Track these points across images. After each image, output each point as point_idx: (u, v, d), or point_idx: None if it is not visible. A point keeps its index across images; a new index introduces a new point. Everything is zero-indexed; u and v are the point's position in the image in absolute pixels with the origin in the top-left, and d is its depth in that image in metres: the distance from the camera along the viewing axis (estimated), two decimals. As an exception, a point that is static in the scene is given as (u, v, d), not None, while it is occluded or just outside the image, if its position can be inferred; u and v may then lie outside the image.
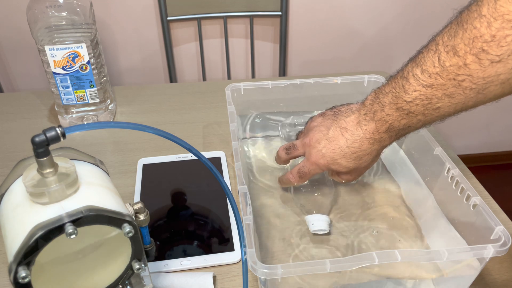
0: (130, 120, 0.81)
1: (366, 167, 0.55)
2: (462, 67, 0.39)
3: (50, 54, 0.70)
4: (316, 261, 0.40)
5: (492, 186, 0.75)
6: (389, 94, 0.47)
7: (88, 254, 0.36)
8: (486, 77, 0.39)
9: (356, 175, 0.56)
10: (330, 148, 0.52)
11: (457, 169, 0.52)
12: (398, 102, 0.45)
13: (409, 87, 0.44)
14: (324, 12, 1.21)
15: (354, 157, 0.51)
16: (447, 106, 0.43)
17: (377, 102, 0.48)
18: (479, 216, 0.46)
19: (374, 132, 0.49)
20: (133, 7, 1.13)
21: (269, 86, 0.67)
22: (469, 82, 0.40)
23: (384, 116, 0.47)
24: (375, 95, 0.49)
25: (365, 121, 0.50)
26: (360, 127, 0.50)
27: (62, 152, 0.36)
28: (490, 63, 0.38)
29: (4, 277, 0.52)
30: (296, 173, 0.57)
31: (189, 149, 0.37)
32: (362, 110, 0.51)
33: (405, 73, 0.45)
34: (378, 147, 0.51)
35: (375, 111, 0.48)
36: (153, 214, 0.60)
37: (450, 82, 0.41)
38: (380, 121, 0.48)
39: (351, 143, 0.51)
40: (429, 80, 0.42)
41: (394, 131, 0.48)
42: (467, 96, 0.41)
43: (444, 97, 0.42)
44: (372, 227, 0.57)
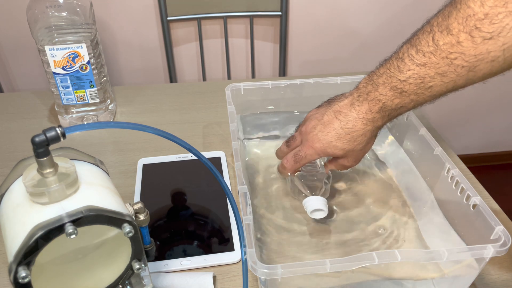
0: (130, 120, 0.81)
1: (363, 150, 0.55)
2: (455, 45, 0.41)
3: (50, 54, 0.70)
4: (316, 261, 0.40)
5: (492, 186, 0.75)
6: (383, 75, 0.48)
7: (88, 254, 0.36)
8: (477, 55, 0.40)
9: (353, 160, 0.56)
10: (325, 132, 0.53)
11: (457, 169, 0.52)
12: (392, 81, 0.47)
13: (403, 67, 0.46)
14: (324, 12, 1.21)
15: (348, 138, 0.52)
16: (438, 85, 0.45)
17: (370, 84, 0.50)
18: (479, 216, 0.46)
19: (367, 112, 0.50)
20: (133, 7, 1.13)
21: (269, 86, 0.67)
22: (461, 60, 0.42)
23: (377, 96, 0.49)
24: (369, 77, 0.51)
25: (358, 102, 0.51)
26: (354, 108, 0.51)
27: (62, 152, 0.36)
28: (482, 40, 0.39)
29: (4, 277, 0.52)
30: (291, 157, 0.57)
31: (189, 149, 0.37)
32: (355, 93, 0.52)
33: (400, 54, 0.47)
34: (371, 127, 0.52)
35: (369, 92, 0.50)
36: (153, 214, 0.60)
37: (443, 60, 0.43)
38: (374, 101, 0.49)
39: (345, 124, 0.52)
40: (423, 59, 0.44)
41: (387, 110, 0.49)
42: (458, 74, 0.43)
43: (436, 76, 0.44)
44: (379, 226, 0.57)
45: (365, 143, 0.53)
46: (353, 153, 0.54)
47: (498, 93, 1.49)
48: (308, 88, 0.69)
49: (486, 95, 1.48)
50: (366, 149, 0.55)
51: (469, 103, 1.51)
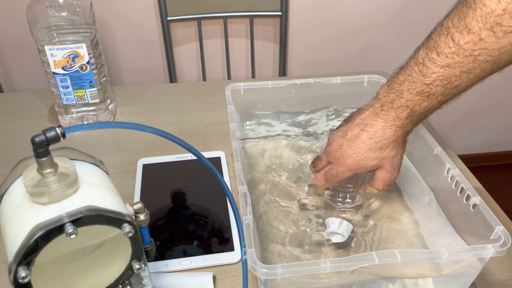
0: (130, 120, 0.81)
1: (397, 156, 0.53)
2: (477, 43, 0.43)
3: (50, 54, 0.70)
4: (316, 261, 0.40)
5: (492, 186, 0.75)
6: (405, 82, 0.48)
7: (88, 254, 0.36)
8: (500, 48, 0.42)
9: (391, 168, 0.54)
10: (353, 146, 0.52)
11: (457, 169, 0.52)
12: (417, 86, 0.47)
13: (427, 71, 0.46)
14: (324, 12, 1.21)
15: (380, 146, 0.51)
16: (464, 82, 0.46)
17: (392, 92, 0.50)
18: (479, 216, 0.46)
19: (396, 119, 0.50)
20: (133, 7, 1.13)
21: (269, 86, 0.67)
22: (485, 55, 0.43)
23: (404, 103, 0.49)
24: (388, 87, 0.51)
25: (382, 111, 0.51)
26: (379, 117, 0.51)
27: (62, 152, 0.36)
28: (504, 34, 0.41)
29: (4, 277, 0.52)
30: (321, 177, 0.57)
31: (189, 149, 0.37)
32: (376, 104, 0.52)
33: (420, 60, 0.47)
34: (401, 133, 0.51)
35: (393, 100, 0.50)
36: (153, 214, 0.60)
37: (467, 58, 0.44)
38: (400, 108, 0.49)
39: (373, 134, 0.51)
40: (446, 60, 0.45)
41: (416, 115, 0.50)
42: (483, 69, 0.44)
43: (462, 74, 0.45)
44: (379, 226, 0.57)
45: (397, 149, 0.52)
46: (387, 160, 0.53)
47: (498, 93, 1.49)
48: (308, 88, 0.69)
49: (486, 95, 1.48)
50: (400, 155, 0.53)
51: (469, 103, 1.51)
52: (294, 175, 0.64)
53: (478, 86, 0.47)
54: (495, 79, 0.44)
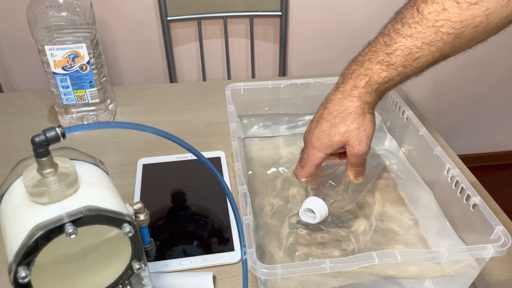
0: (130, 120, 0.81)
1: (360, 129, 0.51)
2: (441, 13, 0.43)
3: (50, 54, 0.70)
4: (316, 261, 0.40)
5: (492, 186, 0.75)
6: (368, 53, 0.49)
7: (88, 254, 0.36)
8: (463, 21, 0.42)
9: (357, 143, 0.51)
10: (318, 127, 0.53)
11: (457, 169, 0.52)
12: (378, 56, 0.48)
13: (390, 41, 0.47)
14: (324, 12, 1.21)
15: (339, 120, 0.51)
16: (426, 55, 0.46)
17: (355, 64, 0.50)
18: (479, 216, 0.46)
19: (353, 89, 0.50)
20: (133, 7, 1.13)
21: (269, 86, 0.67)
22: (448, 27, 0.43)
23: (363, 71, 0.49)
24: (352, 61, 0.51)
25: (342, 84, 0.51)
26: (338, 91, 0.51)
27: (62, 152, 0.36)
28: (468, 5, 0.42)
29: (4, 277, 0.52)
30: (297, 164, 0.56)
31: (189, 149, 0.37)
32: (339, 79, 0.52)
33: (386, 31, 0.48)
34: (359, 103, 0.50)
35: (354, 71, 0.50)
36: (153, 214, 0.60)
37: (429, 29, 0.44)
38: (359, 77, 0.49)
39: (332, 109, 0.51)
40: (409, 31, 0.45)
41: (374, 84, 0.49)
42: (445, 42, 0.45)
43: (423, 46, 0.45)
44: (378, 226, 0.57)
45: (359, 121, 0.51)
46: (350, 134, 0.51)
47: (498, 93, 1.49)
48: (308, 88, 0.69)
49: (486, 95, 1.48)
50: (364, 127, 0.51)
51: (469, 103, 1.51)
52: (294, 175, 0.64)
53: (478, 85, 0.47)
54: (495, 79, 0.44)
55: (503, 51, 1.36)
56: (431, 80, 1.41)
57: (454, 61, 1.36)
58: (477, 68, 1.39)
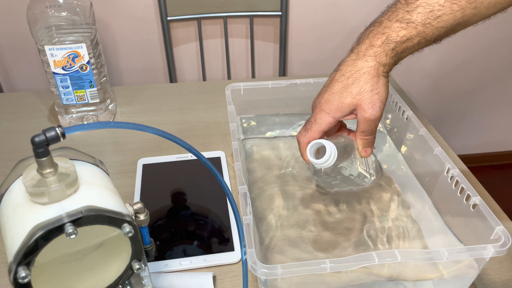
0: (130, 120, 0.81)
1: (374, 92, 0.48)
2: None
3: (50, 54, 0.70)
4: (316, 261, 0.40)
5: (492, 186, 0.75)
6: (387, 13, 0.47)
7: (88, 254, 0.36)
8: None
9: (370, 106, 0.49)
10: (329, 90, 0.50)
11: (457, 169, 0.52)
12: (398, 14, 0.46)
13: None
14: (324, 12, 1.21)
15: (352, 81, 0.48)
16: (447, 15, 0.44)
17: (372, 25, 0.48)
18: (479, 216, 0.46)
19: (368, 49, 0.48)
20: (133, 7, 1.13)
21: (269, 86, 0.67)
22: None
23: (380, 30, 0.47)
24: (371, 24, 0.49)
25: (357, 45, 0.49)
26: (352, 52, 0.50)
27: (62, 152, 0.36)
28: None
29: (4, 277, 0.52)
30: (302, 128, 0.53)
31: (189, 149, 0.37)
32: (355, 44, 0.50)
33: None
34: (373, 63, 0.48)
35: (370, 31, 0.48)
36: (153, 214, 0.60)
37: None
38: (375, 36, 0.47)
39: (345, 70, 0.49)
40: None
41: (391, 43, 0.47)
42: (467, 1, 0.43)
43: (446, 3, 0.44)
44: (379, 227, 0.57)
45: (372, 82, 0.48)
46: (363, 96, 0.48)
47: (498, 93, 1.49)
48: (308, 88, 0.69)
49: (486, 95, 1.48)
50: (378, 90, 0.49)
51: (469, 103, 1.51)
52: (294, 175, 0.64)
53: (478, 85, 0.46)
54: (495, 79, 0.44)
55: (503, 51, 1.36)
56: (431, 80, 1.41)
57: (454, 61, 1.36)
58: (477, 68, 1.39)
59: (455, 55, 1.34)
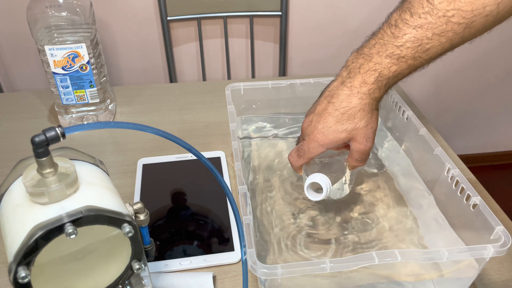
0: (130, 120, 0.81)
1: (368, 126, 0.51)
2: (452, 2, 0.42)
3: (50, 54, 0.70)
4: (316, 261, 0.40)
5: (492, 186, 0.75)
6: (375, 46, 0.47)
7: (88, 254, 0.36)
8: (474, 10, 0.42)
9: (364, 139, 0.51)
10: (321, 120, 0.51)
11: (457, 169, 0.52)
12: (387, 49, 0.46)
13: (399, 32, 0.45)
14: (324, 12, 1.21)
15: (347, 117, 0.49)
16: (436, 47, 0.45)
17: (361, 57, 0.48)
18: (479, 216, 0.46)
19: (362, 85, 0.48)
20: (133, 7, 1.13)
21: (269, 86, 0.67)
22: (459, 16, 0.42)
23: (372, 66, 0.47)
24: (357, 52, 0.49)
25: (349, 78, 0.49)
26: (345, 86, 0.49)
27: (62, 152, 0.36)
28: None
29: (4, 277, 0.52)
30: (294, 152, 0.55)
31: (189, 149, 0.37)
32: (344, 72, 0.50)
33: (393, 21, 0.46)
34: (368, 100, 0.49)
35: (361, 65, 0.48)
36: (153, 214, 0.60)
37: (440, 19, 0.43)
38: (368, 72, 0.48)
39: (339, 104, 0.49)
40: (419, 21, 0.44)
41: (384, 80, 0.48)
42: (455, 32, 0.43)
43: (434, 37, 0.44)
44: (378, 226, 0.57)
45: (367, 118, 0.50)
46: (358, 131, 0.50)
47: (498, 93, 1.49)
48: (308, 88, 0.69)
49: (486, 95, 1.48)
50: (371, 124, 0.51)
51: (469, 103, 1.51)
52: (294, 175, 0.64)
53: (478, 85, 0.47)
54: (495, 79, 0.44)
55: (503, 51, 1.36)
56: (431, 80, 1.41)
57: (454, 61, 1.36)
58: (477, 68, 1.39)
59: (456, 56, 1.34)
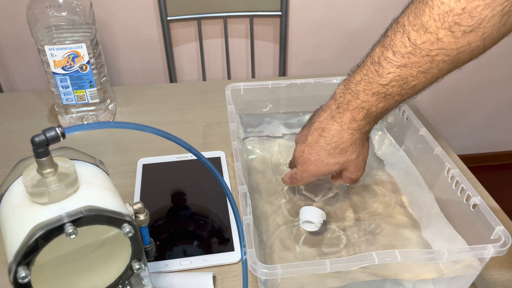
0: (130, 120, 0.81)
1: (360, 158, 0.52)
2: (435, 42, 0.41)
3: (50, 54, 0.70)
4: (316, 261, 0.40)
5: (492, 186, 0.75)
6: (361, 82, 0.47)
7: (88, 254, 0.36)
8: (459, 48, 0.40)
9: (355, 169, 0.54)
10: (313, 153, 0.52)
11: (457, 169, 0.52)
12: (373, 87, 0.46)
13: (383, 71, 0.44)
14: (324, 12, 1.21)
15: (338, 151, 0.51)
16: (422, 82, 0.44)
17: (349, 93, 0.48)
18: (479, 216, 0.46)
19: (351, 122, 0.49)
20: (133, 7, 1.13)
21: (269, 86, 0.67)
22: (443, 55, 0.41)
23: (359, 104, 0.47)
24: (344, 87, 0.49)
25: (338, 114, 0.49)
26: (335, 120, 0.50)
27: (62, 152, 0.36)
28: (463, 33, 0.39)
29: (4, 277, 0.52)
30: (288, 178, 0.58)
31: (189, 149, 0.37)
32: (333, 105, 0.50)
33: (375, 58, 0.45)
34: (359, 135, 0.50)
35: (349, 101, 0.48)
36: (153, 214, 0.60)
37: (424, 58, 0.42)
38: (356, 110, 0.48)
39: (330, 139, 0.50)
40: (403, 60, 0.43)
41: (372, 116, 0.48)
42: (440, 69, 0.43)
43: (419, 74, 0.43)
44: (378, 226, 0.57)
45: (358, 150, 0.52)
46: (350, 163, 0.52)
47: (498, 93, 1.49)
48: (308, 88, 0.69)
49: (486, 95, 1.48)
50: (363, 155, 0.53)
51: (469, 103, 1.51)
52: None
53: (478, 86, 0.46)
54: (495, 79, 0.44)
55: (503, 51, 1.36)
56: (431, 80, 1.41)
57: (454, 61, 1.36)
58: (477, 68, 1.39)
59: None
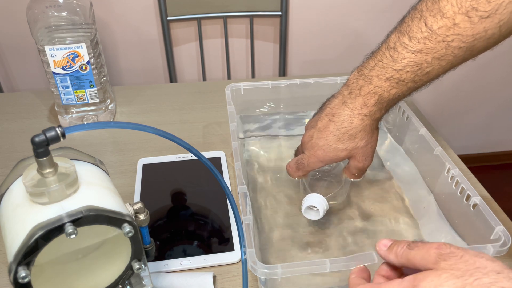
0: (130, 120, 0.81)
1: (368, 146, 0.52)
2: (451, 28, 0.41)
3: (50, 54, 0.70)
4: (316, 261, 0.40)
5: (492, 186, 0.75)
6: (375, 68, 0.47)
7: (88, 254, 0.36)
8: (475, 34, 0.40)
9: (363, 158, 0.53)
10: (322, 137, 0.51)
11: (457, 169, 0.52)
12: (387, 72, 0.46)
13: (398, 56, 0.44)
14: (324, 12, 1.21)
15: (347, 137, 0.50)
16: (436, 70, 0.44)
17: (362, 78, 0.48)
18: (479, 216, 0.46)
19: (363, 107, 0.49)
20: (133, 7, 1.13)
21: (269, 86, 0.67)
22: (459, 41, 0.41)
23: (372, 89, 0.47)
24: (358, 73, 0.49)
25: (350, 99, 0.49)
26: (346, 106, 0.50)
27: (62, 152, 0.36)
28: (479, 19, 0.39)
29: (4, 277, 0.52)
30: (293, 164, 0.56)
31: (189, 149, 0.37)
32: (345, 91, 0.50)
33: (391, 44, 0.45)
34: (369, 121, 0.50)
35: (361, 87, 0.48)
36: (153, 214, 0.60)
37: (439, 44, 0.42)
38: (368, 95, 0.48)
39: (340, 124, 0.50)
40: (418, 46, 0.43)
41: (384, 102, 0.48)
42: (456, 56, 0.43)
43: (434, 61, 0.43)
44: (378, 226, 0.57)
45: (367, 138, 0.51)
46: (358, 150, 0.52)
47: (498, 93, 1.49)
48: (308, 88, 0.69)
49: (486, 95, 1.48)
50: (371, 143, 0.52)
51: (469, 103, 1.51)
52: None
53: (478, 86, 0.46)
54: (495, 79, 0.44)
55: (503, 51, 1.36)
56: (431, 80, 1.41)
57: (454, 61, 1.36)
58: (477, 68, 1.39)
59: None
